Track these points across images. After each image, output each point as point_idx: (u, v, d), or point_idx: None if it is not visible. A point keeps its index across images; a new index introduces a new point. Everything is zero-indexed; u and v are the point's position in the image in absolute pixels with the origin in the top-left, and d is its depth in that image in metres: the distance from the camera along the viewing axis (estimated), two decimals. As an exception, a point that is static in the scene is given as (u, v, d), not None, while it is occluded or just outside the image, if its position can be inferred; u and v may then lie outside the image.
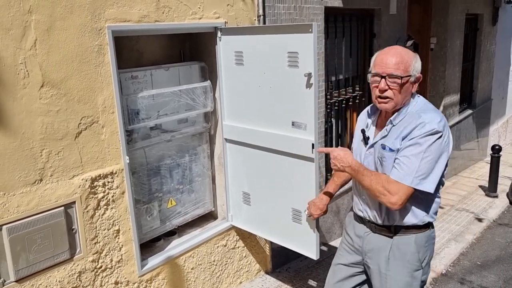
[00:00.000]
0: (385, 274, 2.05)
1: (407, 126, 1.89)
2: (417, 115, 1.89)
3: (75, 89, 2.21)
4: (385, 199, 1.88)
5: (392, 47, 1.95)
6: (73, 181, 2.27)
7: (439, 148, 1.84)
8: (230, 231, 3.28)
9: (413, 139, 1.85)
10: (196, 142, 3.16)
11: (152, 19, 2.51)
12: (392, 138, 1.94)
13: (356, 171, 1.97)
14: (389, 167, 1.93)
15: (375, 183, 1.90)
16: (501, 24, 8.40)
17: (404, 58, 1.89)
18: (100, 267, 2.45)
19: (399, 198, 1.85)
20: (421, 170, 1.83)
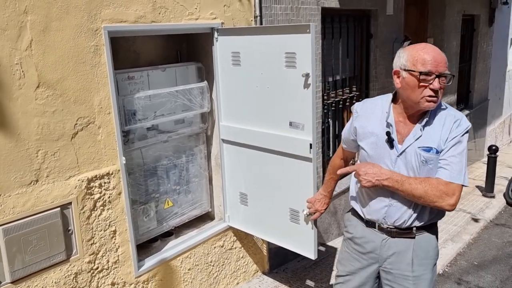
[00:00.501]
0: (409, 276, 2.01)
1: (443, 125, 1.88)
2: (447, 113, 1.90)
3: (71, 89, 2.21)
4: (444, 202, 1.82)
5: (428, 45, 1.88)
6: (69, 182, 2.26)
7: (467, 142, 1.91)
8: (227, 232, 3.27)
9: (456, 137, 1.85)
10: (193, 142, 3.15)
11: (149, 19, 2.51)
12: (431, 139, 1.88)
13: (399, 182, 1.87)
14: (434, 170, 1.88)
15: (429, 188, 1.82)
16: (498, 25, 8.44)
17: (443, 56, 1.84)
18: (96, 268, 2.45)
19: (457, 198, 1.83)
20: (465, 166, 1.86)
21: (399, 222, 1.99)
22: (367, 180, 1.91)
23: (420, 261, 2.00)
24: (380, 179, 1.89)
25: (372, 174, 1.90)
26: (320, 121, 4.01)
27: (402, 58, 1.89)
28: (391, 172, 1.91)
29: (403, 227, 1.99)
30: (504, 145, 9.98)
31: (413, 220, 1.97)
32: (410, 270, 2.01)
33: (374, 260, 2.10)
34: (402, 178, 1.88)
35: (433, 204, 1.84)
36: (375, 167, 1.93)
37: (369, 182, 1.91)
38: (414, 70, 1.82)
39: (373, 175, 1.90)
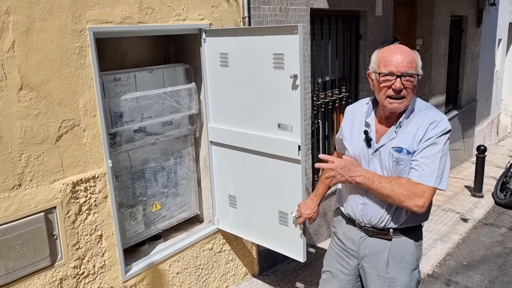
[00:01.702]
0: (384, 277, 2.02)
1: (419, 126, 1.87)
2: (425, 114, 1.88)
3: (55, 91, 2.16)
4: (411, 203, 1.82)
5: (395, 45, 1.91)
6: (54, 186, 2.22)
7: (448, 145, 1.87)
8: (216, 235, 3.24)
9: (431, 139, 1.83)
10: (181, 144, 3.12)
11: (135, 20, 2.47)
12: (404, 140, 1.88)
13: (370, 180, 1.89)
14: (406, 170, 1.88)
15: (397, 188, 1.83)
16: (485, 25, 8.51)
17: (413, 56, 1.85)
18: (82, 273, 2.40)
19: (426, 200, 1.82)
20: (440, 169, 1.82)
21: (374, 221, 2.01)
22: (341, 174, 1.95)
23: (396, 264, 2.00)
24: (353, 175, 1.92)
25: (347, 169, 1.93)
26: (309, 122, 3.99)
27: (372, 60, 1.95)
28: (366, 170, 1.94)
29: (379, 227, 2.01)
30: (492, 145, 10.07)
31: (388, 221, 1.98)
32: (385, 271, 2.02)
33: (353, 257, 2.13)
34: (373, 177, 1.90)
35: (401, 204, 1.85)
36: (353, 164, 1.96)
37: (343, 177, 1.95)
38: (378, 72, 1.88)
39: (348, 170, 1.93)
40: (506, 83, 10.84)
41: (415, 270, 2.02)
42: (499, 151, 9.69)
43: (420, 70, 1.87)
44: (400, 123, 1.91)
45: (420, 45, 6.43)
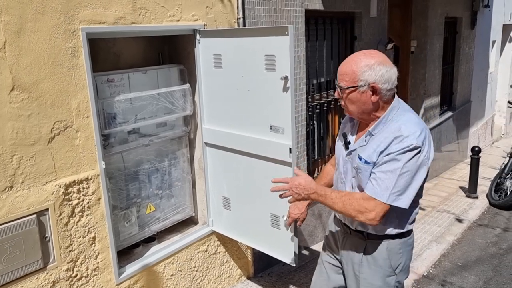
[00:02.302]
0: (358, 276, 2.05)
1: (385, 139, 1.82)
2: (397, 127, 1.81)
3: (47, 92, 2.14)
4: (362, 217, 1.82)
5: (352, 55, 1.89)
6: (46, 188, 2.20)
7: (417, 163, 1.77)
8: (211, 236, 3.23)
9: (391, 154, 1.77)
10: (176, 146, 3.10)
11: (128, 21, 2.45)
12: (369, 149, 1.87)
13: (323, 196, 1.90)
14: (364, 180, 1.88)
15: (348, 203, 1.84)
16: (479, 27, 8.55)
17: (352, 67, 1.82)
18: (75, 276, 2.38)
19: (376, 214, 1.80)
20: (397, 186, 1.77)
21: (347, 222, 2.07)
22: (297, 193, 1.97)
23: (369, 265, 2.02)
24: (308, 192, 1.94)
25: (302, 187, 1.94)
26: (304, 123, 3.99)
27: None
28: (319, 186, 1.95)
29: (353, 228, 2.06)
30: (486, 146, 10.11)
31: (357, 224, 2.01)
32: (359, 270, 2.05)
33: (337, 252, 2.21)
34: (325, 193, 1.91)
35: (354, 218, 1.86)
36: (307, 181, 1.96)
37: (299, 196, 1.97)
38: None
39: (302, 188, 1.94)
40: (500, 84, 10.90)
41: (390, 277, 2.00)
42: (494, 152, 9.73)
43: (358, 82, 1.81)
44: (369, 132, 1.90)
45: (415, 46, 6.45)
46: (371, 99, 1.83)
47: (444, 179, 7.33)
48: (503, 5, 9.87)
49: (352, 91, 1.84)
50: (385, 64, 1.82)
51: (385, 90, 1.82)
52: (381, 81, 1.80)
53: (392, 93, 1.87)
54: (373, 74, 1.79)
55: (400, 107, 1.90)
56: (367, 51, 1.90)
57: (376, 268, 2.00)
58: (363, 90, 1.82)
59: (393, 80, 1.83)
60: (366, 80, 1.80)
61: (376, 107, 1.87)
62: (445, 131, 7.61)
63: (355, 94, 1.84)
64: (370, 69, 1.79)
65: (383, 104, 1.87)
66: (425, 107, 6.66)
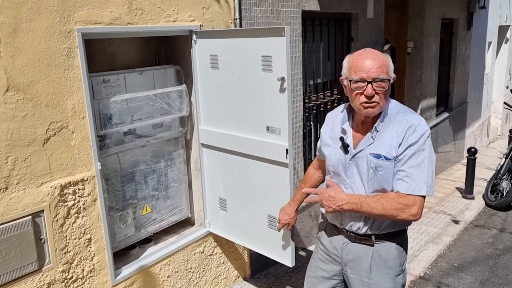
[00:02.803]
0: (368, 283, 2.00)
1: (396, 131, 1.83)
2: (402, 118, 1.85)
3: (42, 93, 2.13)
4: (405, 214, 1.80)
5: (365, 50, 1.87)
6: (41, 189, 2.18)
7: (431, 148, 1.84)
8: (208, 238, 3.22)
9: (412, 146, 1.79)
10: (172, 147, 3.10)
11: (125, 21, 2.45)
12: (382, 145, 1.85)
13: (358, 204, 1.86)
14: (387, 177, 1.85)
15: (388, 205, 1.81)
16: (476, 28, 8.58)
17: (384, 60, 1.82)
18: (71, 278, 2.37)
19: (418, 208, 1.80)
20: (429, 176, 1.81)
21: (354, 228, 1.99)
22: (328, 205, 1.94)
23: (379, 269, 1.98)
24: (339, 204, 1.90)
25: (333, 199, 1.92)
26: (301, 124, 3.99)
27: (343, 65, 1.92)
28: (349, 196, 1.91)
29: (360, 234, 1.99)
30: (483, 147, 10.14)
31: (368, 227, 1.96)
32: (368, 277, 2.00)
33: (336, 263, 2.12)
34: (360, 200, 1.87)
35: (396, 218, 1.84)
36: (337, 192, 1.93)
37: (330, 208, 1.94)
38: (349, 78, 1.86)
39: (333, 200, 1.92)
40: (496, 85, 10.94)
41: (399, 276, 2.00)
42: (490, 153, 9.76)
43: (392, 74, 1.83)
44: (376, 128, 1.88)
45: (412, 47, 6.47)
46: (389, 92, 1.87)
47: (440, 180, 7.34)
48: (499, 7, 9.91)
49: (391, 84, 1.85)
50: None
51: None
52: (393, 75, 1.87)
53: None
54: (392, 68, 1.85)
55: (393, 101, 1.95)
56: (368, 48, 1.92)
57: (386, 271, 1.97)
58: (391, 83, 1.86)
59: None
60: (392, 74, 1.84)
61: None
62: (441, 132, 7.63)
63: (389, 87, 1.84)
64: (391, 62, 1.85)
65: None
66: (421, 108, 6.68)
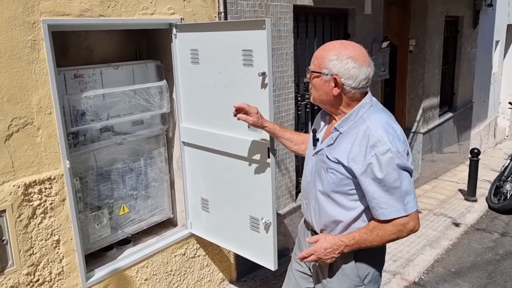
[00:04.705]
0: (327, 285, 1.93)
1: (355, 140, 1.70)
2: (366, 128, 1.69)
3: (3, 87, 2.03)
4: (405, 233, 1.69)
5: (332, 41, 1.80)
6: (3, 188, 2.08)
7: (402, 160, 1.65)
8: (190, 239, 3.10)
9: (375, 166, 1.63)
10: (152, 145, 2.98)
11: (96, 13, 2.34)
12: (340, 150, 1.74)
13: (356, 243, 1.74)
14: (337, 181, 1.75)
15: (383, 233, 1.69)
16: (482, 27, 8.36)
17: (323, 54, 1.74)
18: (37, 281, 2.27)
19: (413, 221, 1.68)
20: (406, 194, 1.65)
21: (314, 227, 1.93)
22: (331, 257, 1.79)
23: (337, 275, 1.88)
24: (339, 251, 1.77)
25: (330, 250, 1.77)
26: (293, 123, 3.85)
27: None
28: (342, 238, 1.77)
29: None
30: (489, 148, 9.91)
31: (326, 228, 1.87)
32: (326, 280, 1.92)
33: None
34: (355, 239, 1.75)
35: (396, 239, 1.73)
36: (328, 241, 1.79)
37: (333, 258, 1.80)
38: None
39: (331, 251, 1.77)
40: (504, 85, 10.67)
41: (360, 287, 1.87)
42: (496, 154, 9.53)
43: (323, 70, 1.72)
44: (336, 128, 1.79)
45: (414, 45, 6.29)
46: (332, 91, 1.74)
47: (443, 181, 7.16)
48: (508, 5, 9.66)
49: (316, 76, 1.77)
50: (357, 61, 1.70)
51: (348, 86, 1.71)
52: (345, 76, 1.69)
53: (360, 92, 1.75)
54: (339, 66, 1.69)
55: (372, 105, 1.78)
56: (348, 42, 1.79)
57: (343, 278, 1.87)
58: (327, 79, 1.73)
59: (359, 79, 1.70)
60: (330, 70, 1.71)
61: (339, 101, 1.77)
62: (445, 132, 7.44)
63: (318, 81, 1.76)
64: (338, 60, 1.70)
65: (349, 101, 1.76)
66: (423, 107, 6.50)
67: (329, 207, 1.82)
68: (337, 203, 1.79)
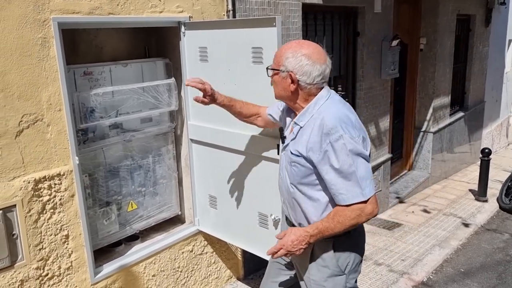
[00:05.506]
0: (308, 277, 1.96)
1: (313, 132, 1.78)
2: (322, 118, 1.76)
3: (14, 84, 2.06)
4: (364, 218, 1.73)
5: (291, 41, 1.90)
6: (13, 183, 2.12)
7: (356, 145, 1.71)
8: (197, 236, 3.12)
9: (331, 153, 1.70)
10: (160, 142, 3.00)
11: (105, 11, 2.36)
12: (301, 142, 1.82)
13: (320, 232, 1.79)
14: (301, 174, 1.82)
15: (343, 218, 1.74)
16: (495, 25, 8.26)
17: (281, 51, 1.85)
18: (46, 275, 2.30)
19: (372, 205, 1.73)
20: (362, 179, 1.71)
21: (293, 221, 1.98)
22: (298, 249, 1.84)
23: (318, 266, 1.92)
24: (305, 242, 1.82)
25: (297, 242, 1.82)
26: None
27: None
28: (306, 230, 1.83)
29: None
30: (501, 148, 9.80)
31: (302, 221, 1.92)
32: (308, 272, 1.96)
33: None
34: (318, 228, 1.81)
35: (356, 225, 1.77)
36: (294, 233, 1.84)
37: (301, 249, 1.84)
38: None
39: (297, 242, 1.82)
40: (517, 85, 10.53)
41: (339, 277, 1.90)
42: (508, 154, 9.42)
43: (280, 67, 1.81)
44: (295, 123, 1.87)
45: (424, 44, 6.24)
46: (289, 86, 1.83)
47: (453, 181, 7.10)
48: (521, 3, 9.53)
49: (274, 73, 1.87)
50: (311, 58, 1.78)
51: (304, 82, 1.81)
52: (299, 72, 1.79)
53: (316, 87, 1.83)
54: (294, 63, 1.79)
55: (329, 98, 1.84)
56: (304, 41, 1.88)
57: (323, 269, 1.90)
58: (284, 76, 1.83)
59: (313, 76, 1.79)
60: (286, 67, 1.81)
61: (297, 96, 1.86)
62: (456, 131, 7.37)
63: (277, 78, 1.87)
64: (293, 57, 1.79)
65: (306, 96, 1.85)
66: (434, 106, 6.45)
67: (300, 200, 1.88)
68: (305, 195, 1.85)
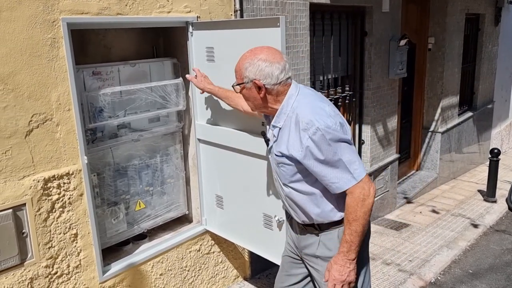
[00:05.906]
0: (318, 270, 1.98)
1: (291, 130, 1.80)
2: (297, 115, 1.78)
3: (24, 84, 2.08)
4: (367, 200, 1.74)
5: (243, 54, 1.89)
6: (23, 182, 2.14)
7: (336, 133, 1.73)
8: (204, 236, 3.13)
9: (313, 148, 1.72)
10: (168, 142, 3.02)
11: (114, 11, 2.38)
12: (282, 142, 1.84)
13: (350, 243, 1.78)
14: (289, 173, 1.86)
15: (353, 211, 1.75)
16: (504, 24, 8.19)
17: (239, 65, 1.86)
18: (55, 273, 2.32)
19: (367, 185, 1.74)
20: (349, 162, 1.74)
21: (294, 216, 2.00)
22: (349, 272, 1.82)
23: (326, 259, 1.93)
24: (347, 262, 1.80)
25: (342, 268, 1.81)
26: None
27: None
28: (339, 253, 1.82)
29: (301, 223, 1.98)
30: (510, 148, 9.71)
31: (303, 218, 1.94)
32: (317, 265, 1.98)
33: (296, 249, 2.12)
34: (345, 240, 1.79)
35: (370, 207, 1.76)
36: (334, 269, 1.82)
37: (351, 271, 1.82)
38: None
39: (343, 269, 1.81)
40: (527, 84, 10.43)
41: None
42: (518, 154, 9.34)
43: (244, 79, 1.83)
44: (273, 125, 1.89)
45: (432, 43, 6.21)
46: (258, 95, 1.84)
47: (462, 182, 7.05)
48: (531, 2, 9.43)
49: (242, 88, 1.87)
50: (266, 60, 1.80)
51: (269, 84, 1.81)
52: (262, 76, 1.79)
53: (283, 86, 1.84)
54: (253, 70, 1.80)
55: (298, 93, 1.86)
56: (256, 47, 1.88)
57: (328, 252, 1.93)
58: (249, 86, 1.84)
59: (275, 75, 1.79)
60: (248, 77, 1.82)
61: (268, 101, 1.86)
62: (464, 131, 7.32)
63: (245, 91, 1.87)
64: (251, 65, 1.81)
65: (275, 97, 1.85)
66: (442, 106, 6.41)
67: (296, 198, 1.90)
68: (299, 191, 1.88)
